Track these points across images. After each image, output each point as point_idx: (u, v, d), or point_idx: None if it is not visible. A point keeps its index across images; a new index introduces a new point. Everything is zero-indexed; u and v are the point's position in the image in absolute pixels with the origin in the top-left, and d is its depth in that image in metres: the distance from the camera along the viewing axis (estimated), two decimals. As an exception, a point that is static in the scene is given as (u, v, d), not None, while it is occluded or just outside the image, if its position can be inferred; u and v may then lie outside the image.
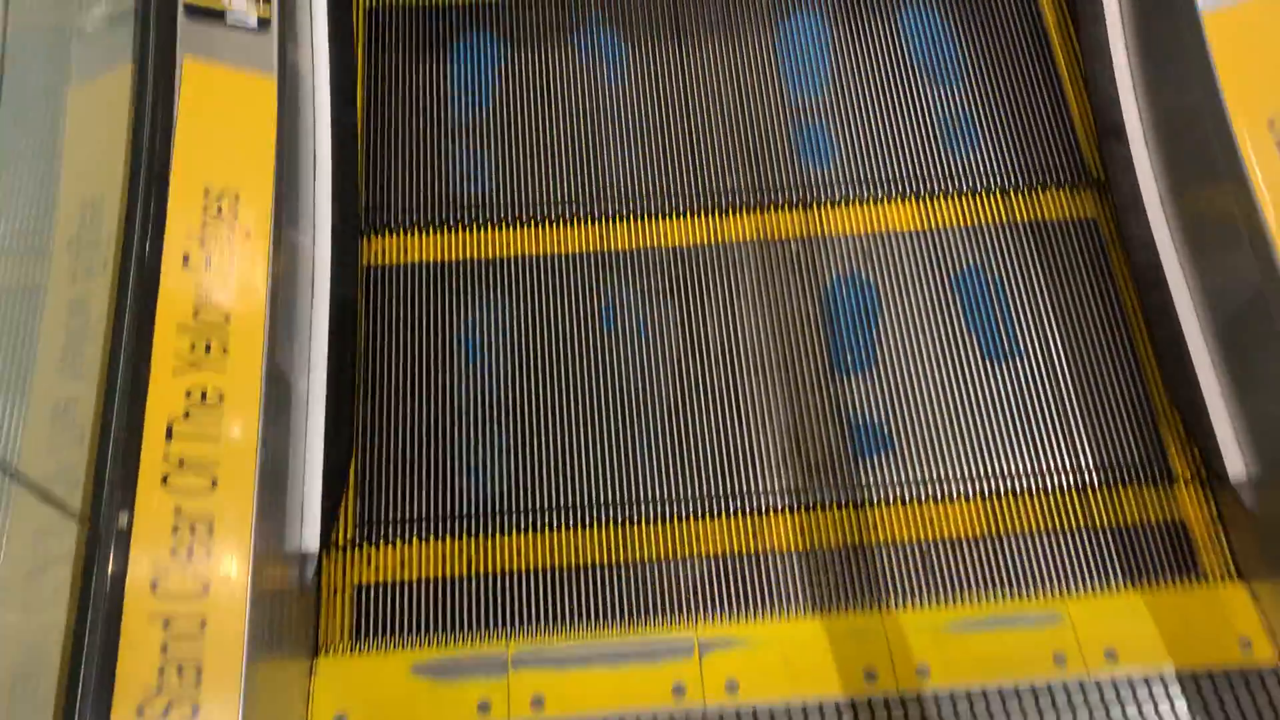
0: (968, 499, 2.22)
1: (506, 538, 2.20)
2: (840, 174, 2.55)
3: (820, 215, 2.51)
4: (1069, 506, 2.21)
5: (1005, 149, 2.57)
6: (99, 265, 1.81)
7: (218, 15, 2.00)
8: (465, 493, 2.23)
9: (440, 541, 2.20)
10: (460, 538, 2.20)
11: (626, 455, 2.27)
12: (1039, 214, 2.50)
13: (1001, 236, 2.48)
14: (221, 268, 1.83)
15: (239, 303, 1.82)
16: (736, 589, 2.15)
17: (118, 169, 1.87)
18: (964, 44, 2.70)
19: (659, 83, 2.67)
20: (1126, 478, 2.23)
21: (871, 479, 2.24)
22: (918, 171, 2.55)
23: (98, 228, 1.85)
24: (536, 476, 2.25)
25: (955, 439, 2.28)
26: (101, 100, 1.93)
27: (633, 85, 2.66)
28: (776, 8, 2.76)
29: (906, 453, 2.27)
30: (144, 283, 1.77)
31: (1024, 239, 2.47)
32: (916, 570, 2.16)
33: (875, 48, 2.71)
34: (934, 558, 2.17)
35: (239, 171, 1.91)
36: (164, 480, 1.65)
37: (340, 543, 2.18)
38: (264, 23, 2.03)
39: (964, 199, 2.52)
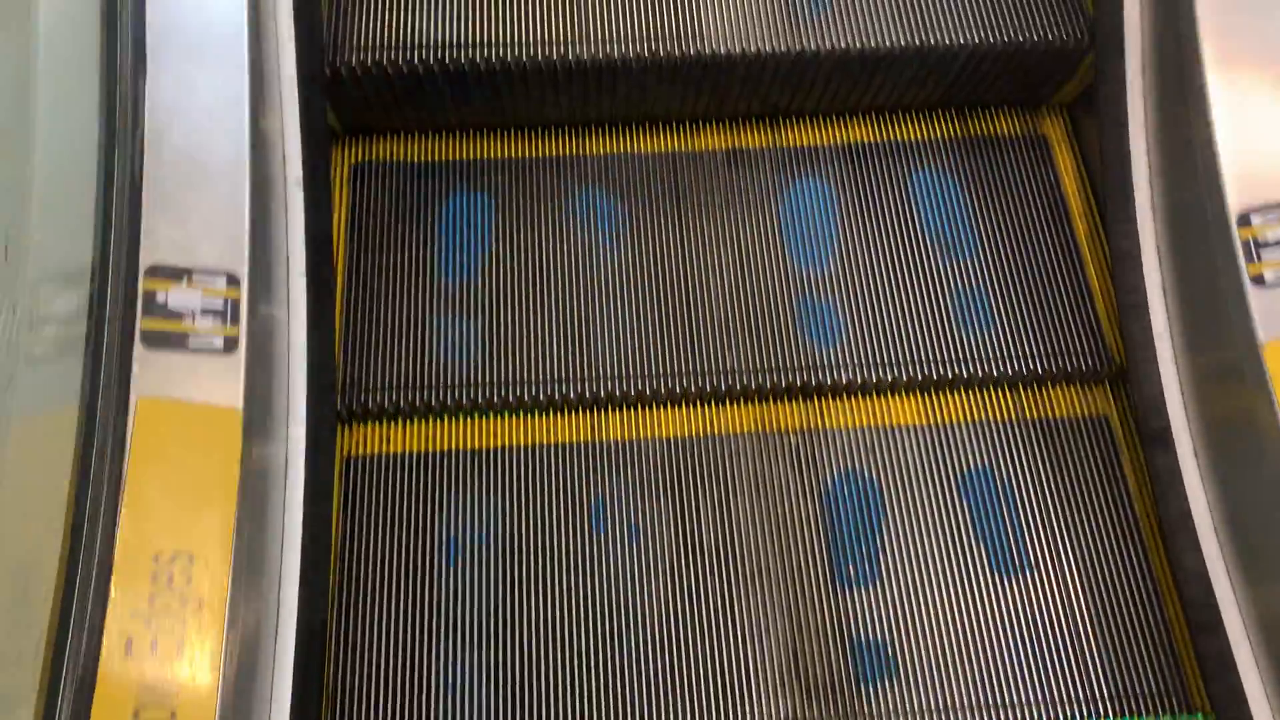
0: (975, 732, 2.07)
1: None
2: (844, 355, 2.40)
3: (821, 406, 2.37)
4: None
5: (1018, 329, 2.43)
6: (30, 651, 1.59)
7: (179, 340, 1.80)
8: (445, 716, 2.07)
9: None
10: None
11: (617, 676, 2.11)
12: (1049, 410, 2.37)
13: (1010, 434, 2.34)
14: (169, 652, 1.62)
15: (187, 695, 1.60)
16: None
17: (57, 530, 1.66)
18: (977, 213, 2.56)
19: (656, 253, 2.51)
20: (1144, 709, 2.10)
21: (873, 707, 2.10)
22: (927, 355, 2.40)
23: (31, 602, 1.63)
24: (519, 700, 2.09)
25: (962, 663, 2.13)
26: (43, 443, 1.73)
27: (628, 256, 2.50)
28: (781, 173, 2.61)
29: (911, 678, 2.12)
30: (80, 679, 1.55)
31: (1033, 437, 2.34)
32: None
33: (884, 215, 2.56)
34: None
35: (194, 529, 1.70)
36: None
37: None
38: (231, 343, 1.83)
39: (972, 391, 2.39)
